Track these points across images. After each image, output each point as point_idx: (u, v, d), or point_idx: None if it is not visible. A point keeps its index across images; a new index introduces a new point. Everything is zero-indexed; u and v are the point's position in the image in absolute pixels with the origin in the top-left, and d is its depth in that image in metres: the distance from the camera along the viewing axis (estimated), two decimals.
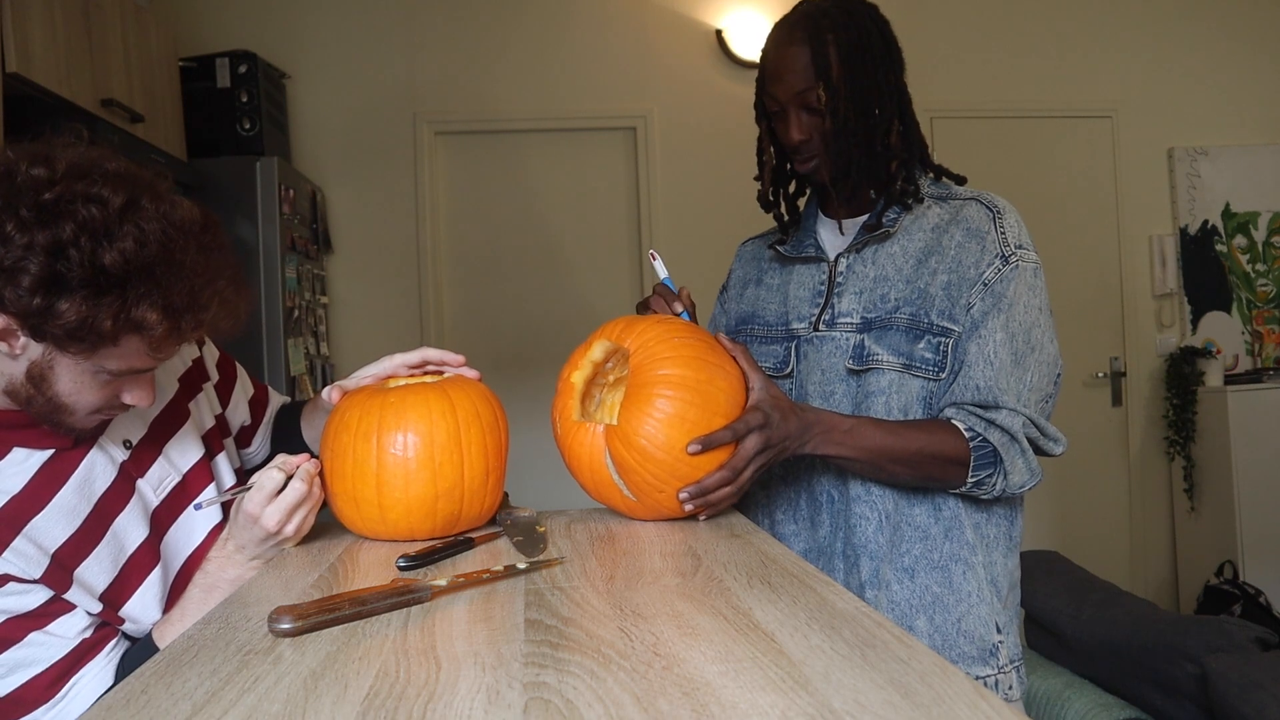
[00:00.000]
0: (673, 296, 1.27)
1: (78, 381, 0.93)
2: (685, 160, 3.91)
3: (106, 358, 0.91)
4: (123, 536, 1.04)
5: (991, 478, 1.15)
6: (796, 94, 1.21)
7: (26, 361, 0.91)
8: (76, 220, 0.85)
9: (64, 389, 0.93)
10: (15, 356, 0.91)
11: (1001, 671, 1.21)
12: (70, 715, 0.97)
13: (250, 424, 1.30)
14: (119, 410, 1.00)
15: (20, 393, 0.93)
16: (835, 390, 1.24)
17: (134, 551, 1.04)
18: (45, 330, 0.86)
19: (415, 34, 3.83)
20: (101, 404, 0.96)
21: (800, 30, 1.21)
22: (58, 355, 0.90)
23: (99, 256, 0.85)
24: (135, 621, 1.03)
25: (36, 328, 0.86)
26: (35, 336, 0.88)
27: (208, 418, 1.19)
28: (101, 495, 1.03)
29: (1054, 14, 4.10)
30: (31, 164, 0.87)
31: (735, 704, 0.51)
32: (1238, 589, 3.25)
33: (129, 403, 0.98)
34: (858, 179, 1.25)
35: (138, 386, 0.98)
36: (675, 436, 1.05)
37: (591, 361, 1.16)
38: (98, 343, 0.88)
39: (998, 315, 1.18)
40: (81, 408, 0.95)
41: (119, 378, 0.95)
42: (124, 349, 0.91)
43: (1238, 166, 4.18)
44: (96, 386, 0.94)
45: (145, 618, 1.04)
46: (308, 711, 0.54)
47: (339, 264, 3.77)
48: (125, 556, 1.03)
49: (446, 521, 1.05)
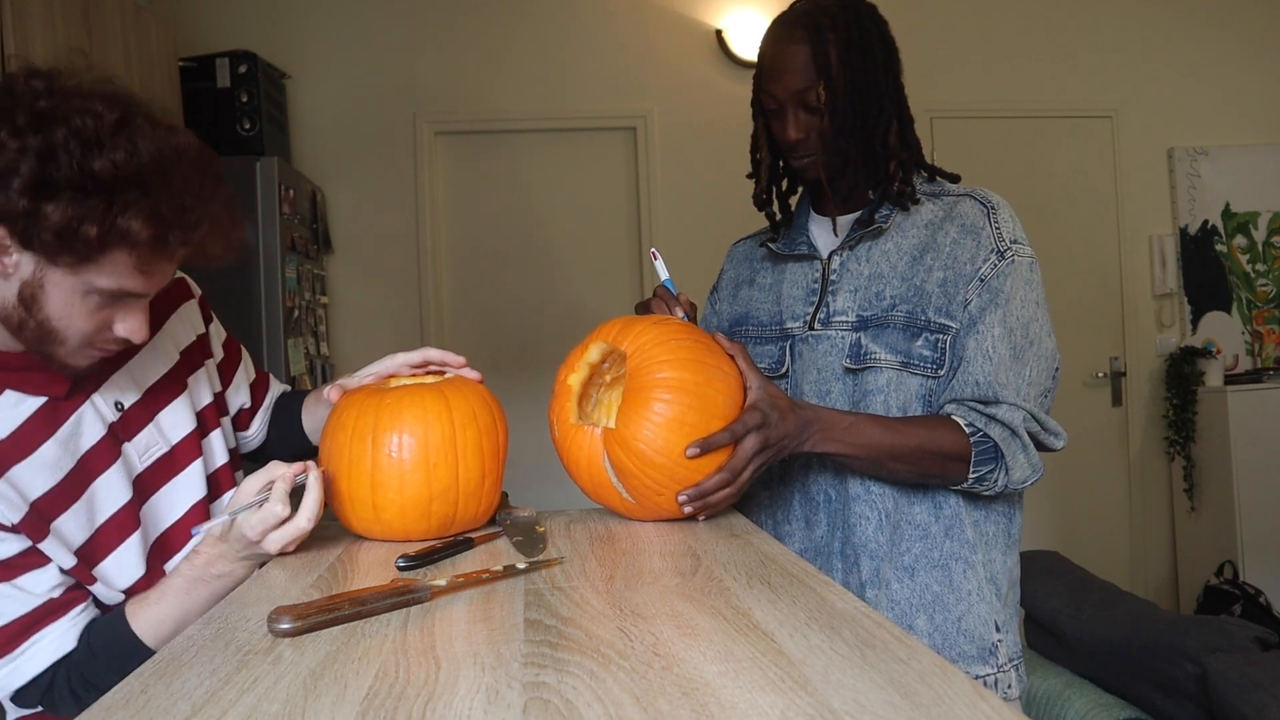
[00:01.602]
0: (673, 301, 1.26)
1: (68, 303, 0.91)
2: (685, 160, 3.91)
3: (96, 274, 0.90)
4: (102, 497, 1.02)
5: (993, 473, 1.15)
6: (795, 92, 1.21)
7: (18, 281, 0.90)
8: (70, 127, 0.86)
9: (54, 311, 0.92)
10: (8, 276, 0.90)
11: (1001, 670, 1.21)
12: (24, 674, 0.96)
13: (250, 407, 1.29)
14: (112, 346, 0.98)
15: (12, 317, 0.92)
16: (831, 389, 1.24)
17: (114, 513, 1.03)
18: (34, 236, 0.86)
19: (415, 34, 3.83)
20: (93, 332, 0.95)
21: (800, 28, 1.21)
22: (48, 271, 0.89)
23: (88, 162, 0.86)
24: (108, 584, 1.02)
25: (25, 234, 0.86)
26: (25, 245, 0.87)
27: (205, 394, 1.18)
28: (86, 452, 1.02)
29: (1054, 14, 4.10)
30: (32, 77, 0.89)
31: (735, 704, 0.51)
32: (1238, 589, 3.25)
33: (121, 334, 0.96)
34: (854, 178, 1.24)
35: (130, 316, 0.96)
36: (674, 440, 1.05)
37: (588, 363, 1.16)
38: (85, 252, 0.87)
39: (995, 310, 1.18)
40: (73, 335, 0.94)
41: (110, 303, 0.93)
42: (112, 264, 0.90)
43: (1238, 166, 4.18)
44: (87, 311, 0.93)
45: (119, 580, 1.03)
46: (307, 711, 0.54)
47: (339, 264, 3.77)
48: (103, 517, 1.02)
49: (442, 523, 1.05)
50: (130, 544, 1.04)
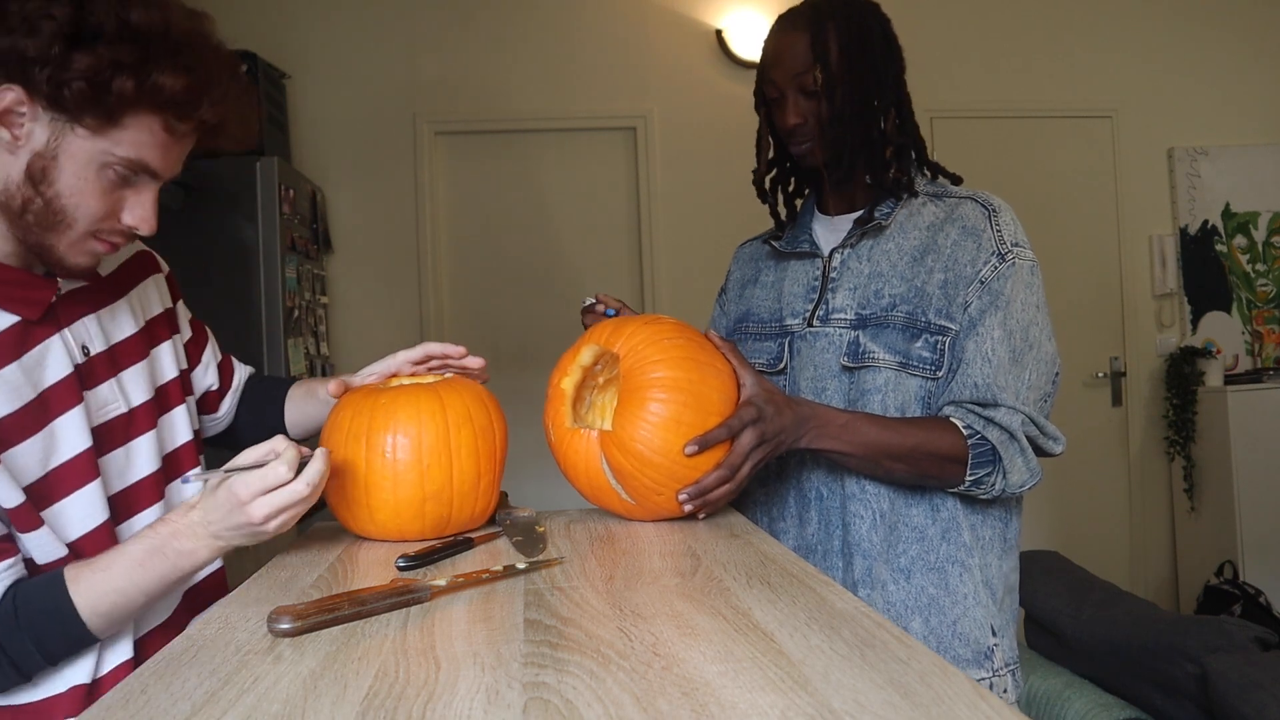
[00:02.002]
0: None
1: (82, 177, 0.88)
2: (685, 160, 3.91)
3: (118, 140, 0.87)
4: (59, 438, 0.96)
5: (990, 476, 1.15)
6: (794, 76, 1.23)
7: (28, 154, 0.87)
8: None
9: (67, 185, 0.88)
10: (16, 148, 0.86)
11: (997, 674, 1.21)
12: None
13: (218, 389, 1.25)
14: (117, 239, 0.95)
15: (15, 198, 0.88)
16: (828, 386, 1.24)
17: (73, 457, 0.97)
18: (62, 88, 0.82)
19: (415, 34, 3.83)
20: (103, 215, 0.91)
21: (801, 18, 1.24)
22: (66, 137, 0.86)
23: (126, 11, 0.84)
24: (59, 530, 0.94)
25: (52, 86, 0.82)
26: (50, 102, 0.84)
27: (170, 369, 1.13)
28: (49, 387, 0.96)
29: (1054, 14, 4.10)
30: None
31: (735, 704, 0.51)
32: (1238, 589, 3.25)
33: (128, 222, 0.93)
34: (851, 163, 1.25)
35: (140, 202, 0.93)
36: (671, 439, 1.05)
37: (580, 366, 1.16)
38: (114, 110, 0.85)
39: (995, 313, 1.18)
40: (82, 216, 0.90)
41: (123, 184, 0.91)
42: (136, 129, 0.88)
43: (1238, 166, 4.18)
44: (101, 188, 0.89)
45: (73, 527, 0.96)
46: (307, 711, 0.54)
47: (339, 264, 3.77)
48: (61, 459, 0.96)
49: (436, 523, 1.05)
50: (91, 490, 0.97)
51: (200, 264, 2.91)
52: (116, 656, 0.98)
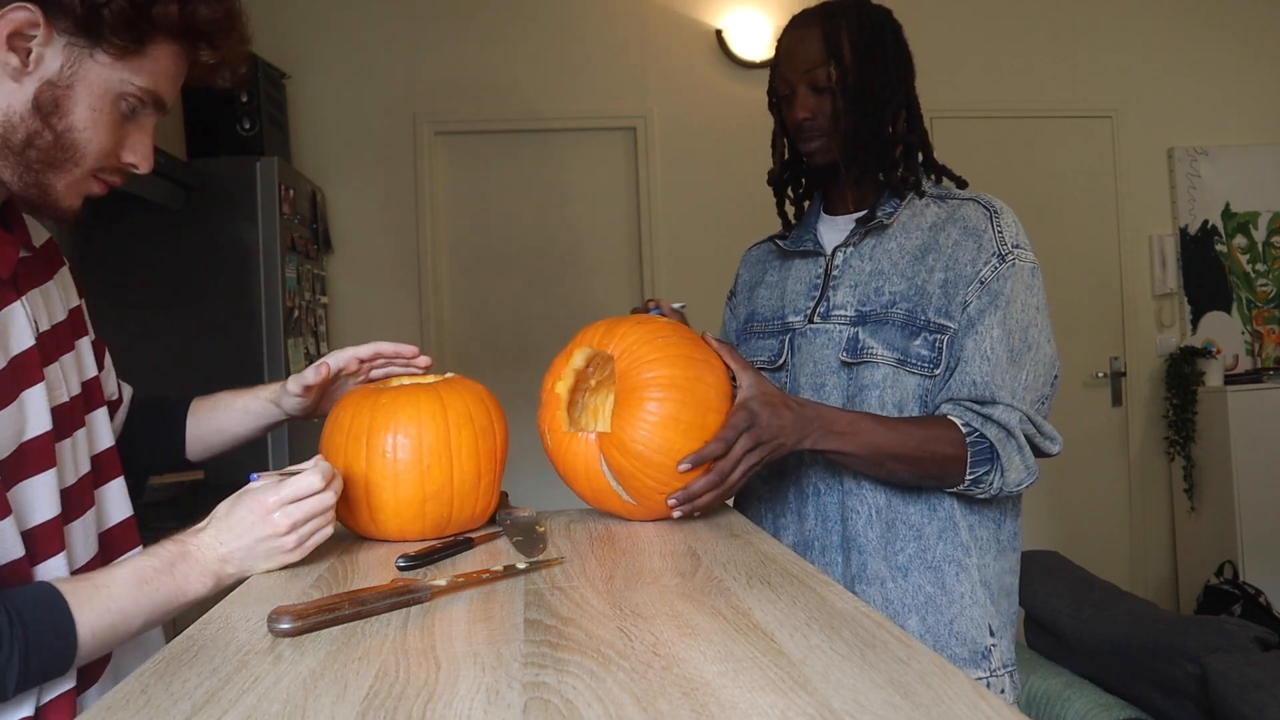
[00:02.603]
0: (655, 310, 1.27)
1: (95, 109, 0.84)
2: (685, 160, 3.91)
3: (138, 68, 0.84)
4: (28, 412, 0.89)
5: (989, 475, 1.15)
6: (805, 71, 1.24)
7: (37, 82, 0.81)
8: None
9: (79, 118, 0.83)
10: (23, 76, 0.81)
11: (994, 675, 1.21)
12: None
13: (115, 400, 1.17)
14: (115, 178, 0.91)
15: (18, 131, 0.82)
16: (826, 382, 1.24)
17: (37, 437, 0.89)
18: (100, 9, 0.79)
19: (416, 34, 3.83)
20: (108, 150, 0.87)
21: (814, 16, 1.26)
22: (84, 64, 0.82)
23: None
24: (20, 514, 0.87)
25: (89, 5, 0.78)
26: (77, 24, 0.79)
27: (90, 365, 1.05)
28: (17, 355, 0.89)
29: (1054, 14, 4.10)
30: None
31: (735, 704, 0.51)
32: (1238, 589, 3.25)
33: (129, 160, 0.90)
34: (866, 161, 1.26)
35: (140, 140, 0.90)
36: (672, 438, 1.05)
37: (574, 369, 1.15)
38: (147, 34, 0.82)
39: (994, 313, 1.18)
40: (92, 150, 0.85)
41: (129, 118, 0.87)
42: (158, 59, 0.85)
43: (1238, 166, 4.18)
44: (111, 121, 0.85)
45: (25, 518, 0.87)
46: (307, 711, 0.54)
47: (339, 264, 3.77)
48: (26, 436, 0.88)
49: (437, 523, 1.05)
50: (48, 478, 0.90)
51: (200, 264, 2.91)
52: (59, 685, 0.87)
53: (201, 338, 2.85)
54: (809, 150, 1.28)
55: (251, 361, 2.90)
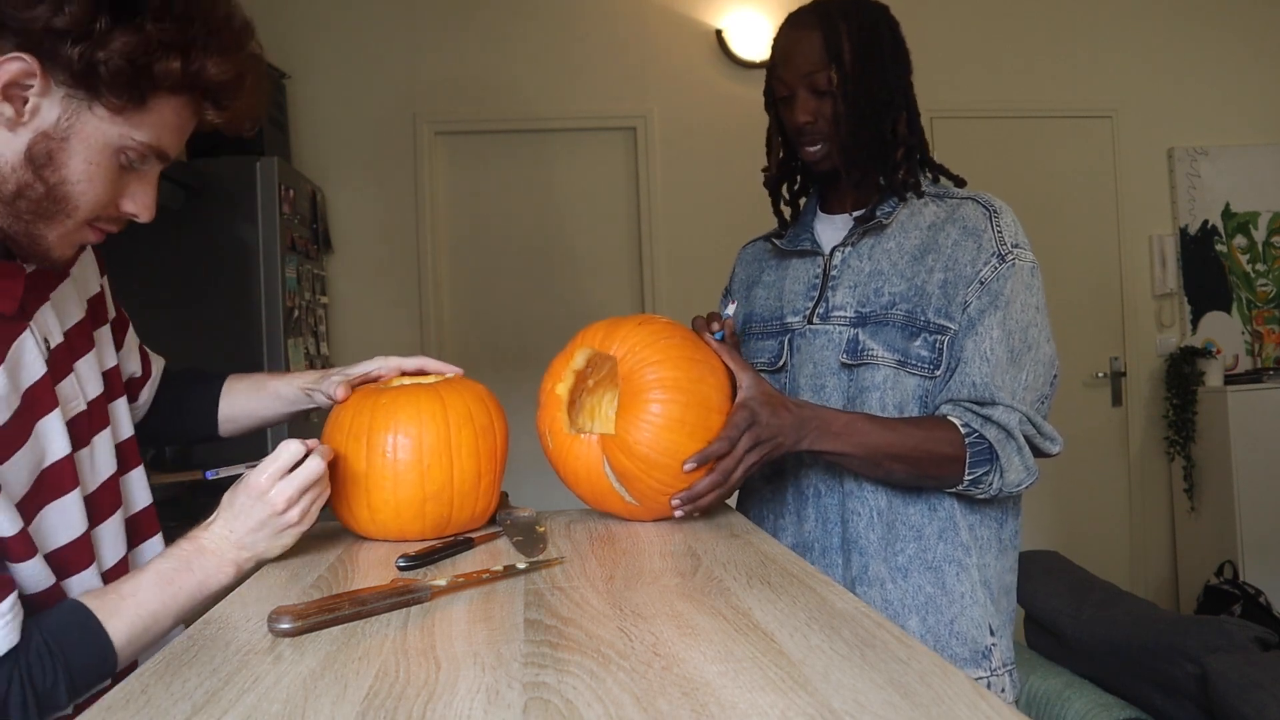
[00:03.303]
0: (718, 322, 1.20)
1: (92, 162, 0.81)
2: (685, 160, 3.91)
3: (139, 123, 0.81)
4: (45, 442, 0.89)
5: (988, 475, 1.15)
6: (804, 75, 1.23)
7: (31, 133, 0.78)
8: None
9: (74, 172, 0.80)
10: (18, 125, 0.78)
11: (994, 674, 1.21)
12: None
13: (140, 376, 1.17)
14: (111, 227, 0.88)
15: (7, 183, 0.79)
16: (826, 384, 1.24)
17: (55, 462, 0.90)
18: (97, 66, 0.75)
19: (415, 34, 3.83)
20: (105, 202, 0.84)
21: (813, 16, 1.24)
22: (81, 117, 0.79)
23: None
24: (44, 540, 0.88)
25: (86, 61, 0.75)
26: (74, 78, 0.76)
27: (110, 355, 1.05)
28: (29, 387, 0.88)
29: (1054, 14, 4.10)
30: None
31: (735, 704, 0.51)
32: (1238, 589, 3.25)
33: (129, 210, 0.87)
34: (867, 164, 1.26)
35: (142, 190, 0.87)
36: (676, 439, 1.05)
37: (574, 371, 1.15)
38: (148, 90, 0.79)
39: (994, 313, 1.18)
40: (86, 204, 0.83)
41: (130, 169, 0.84)
42: (162, 113, 0.82)
43: (1238, 166, 4.18)
44: (110, 174, 0.83)
45: (49, 540, 0.89)
46: (308, 711, 0.54)
47: (339, 264, 3.77)
48: (44, 464, 0.89)
49: (437, 523, 1.05)
50: (72, 498, 0.91)
51: (200, 264, 2.91)
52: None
53: (201, 338, 2.85)
54: (810, 154, 1.27)
55: (251, 361, 2.90)
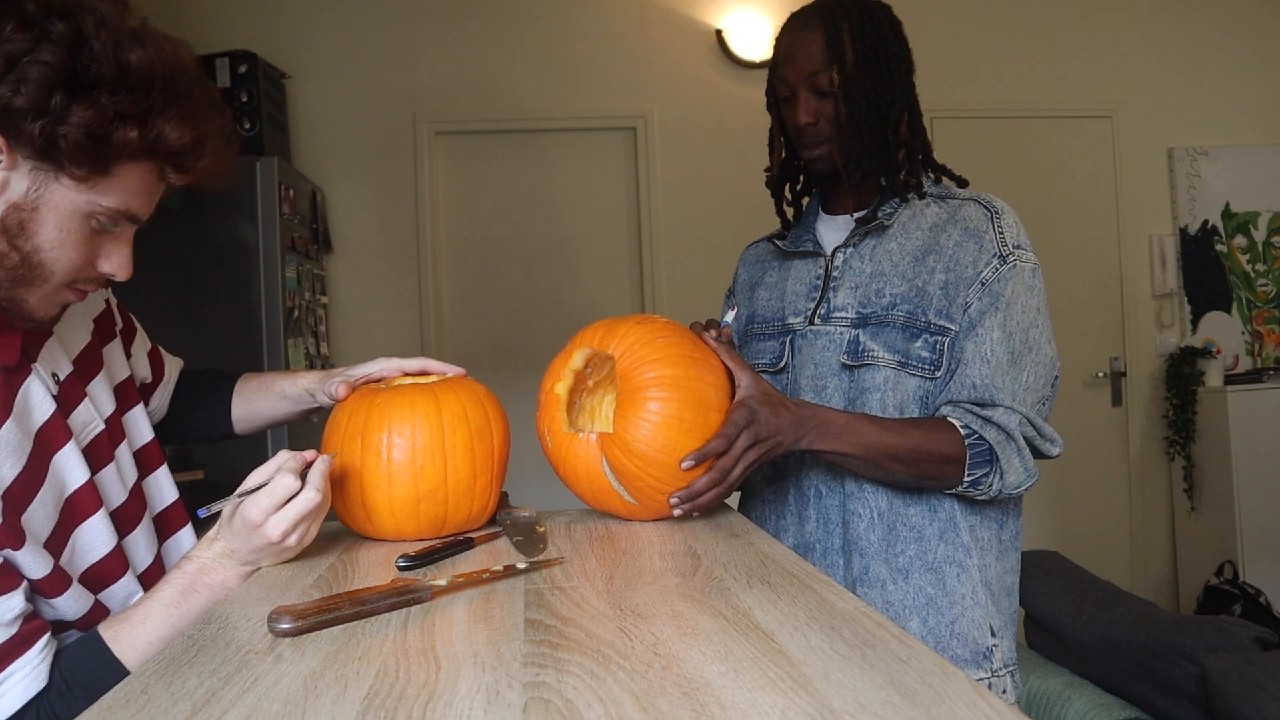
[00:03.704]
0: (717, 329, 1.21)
1: (63, 229, 0.83)
2: (685, 160, 3.91)
3: (105, 191, 0.83)
4: (63, 475, 0.93)
5: (988, 477, 1.15)
6: (806, 76, 1.23)
7: (2, 205, 0.80)
8: (95, 15, 0.78)
9: (46, 239, 0.82)
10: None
11: (996, 675, 1.21)
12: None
13: (151, 381, 1.20)
14: (90, 287, 0.90)
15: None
16: (827, 385, 1.24)
17: (76, 490, 0.94)
18: (56, 140, 0.77)
19: (415, 34, 3.83)
20: (80, 265, 0.86)
21: (815, 16, 1.24)
22: (49, 187, 0.81)
23: (124, 53, 0.78)
24: (77, 562, 0.93)
25: (46, 136, 0.77)
26: (37, 152, 0.78)
27: (121, 368, 1.09)
28: (40, 428, 0.92)
29: (1054, 14, 4.10)
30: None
31: (735, 704, 0.51)
32: (1238, 589, 3.25)
33: (106, 271, 0.89)
34: (868, 165, 1.25)
35: (117, 251, 0.88)
36: (674, 438, 1.05)
37: (573, 370, 1.15)
38: (109, 161, 0.80)
39: (995, 314, 1.18)
40: (61, 268, 0.85)
41: (101, 232, 0.86)
42: (126, 178, 0.83)
43: (1238, 166, 4.18)
44: (81, 239, 0.84)
45: (80, 561, 0.94)
46: (308, 711, 0.54)
47: (339, 264, 3.77)
48: (65, 495, 0.93)
49: (431, 523, 1.05)
50: (98, 518, 0.96)
51: (200, 264, 2.91)
52: None
53: (201, 338, 2.85)
54: (811, 156, 1.27)
55: (252, 361, 2.90)
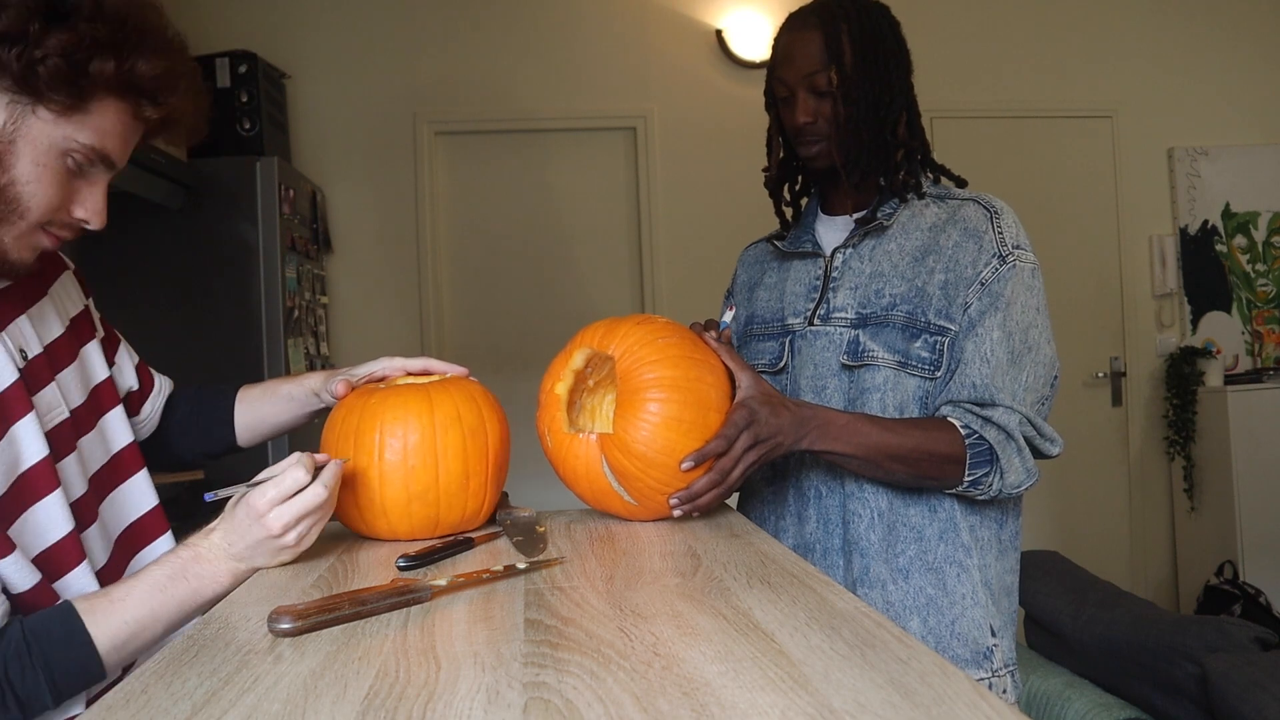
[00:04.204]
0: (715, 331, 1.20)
1: (40, 164, 0.84)
2: (685, 160, 3.91)
3: (81, 125, 0.85)
4: (20, 445, 0.92)
5: (988, 477, 1.15)
6: (805, 76, 1.23)
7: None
8: None
9: (23, 172, 0.84)
10: None
11: (996, 675, 1.21)
12: None
13: (138, 390, 1.20)
14: (65, 233, 0.91)
15: None
16: (827, 385, 1.24)
17: (33, 466, 0.93)
18: (35, 66, 0.79)
19: (415, 34, 3.83)
20: (56, 205, 0.87)
21: (814, 16, 1.24)
22: (26, 120, 0.83)
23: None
24: (26, 543, 0.91)
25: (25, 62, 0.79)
26: (16, 81, 0.80)
27: (100, 369, 1.09)
28: (2, 391, 0.92)
29: (1054, 14, 4.10)
30: None
31: (735, 704, 0.51)
32: (1238, 589, 3.25)
33: (79, 215, 0.90)
34: (867, 165, 1.25)
35: (91, 195, 0.90)
36: (674, 439, 1.05)
37: (573, 370, 1.15)
38: (85, 92, 0.82)
39: (995, 314, 1.18)
40: (36, 205, 0.86)
41: (77, 175, 0.88)
42: (102, 114, 0.85)
43: (1238, 166, 4.18)
44: (57, 177, 0.86)
45: (34, 542, 0.92)
46: (308, 711, 0.54)
47: (339, 264, 3.77)
48: (21, 468, 0.92)
49: (424, 524, 1.05)
50: (55, 499, 0.94)
51: (200, 264, 2.91)
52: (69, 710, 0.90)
53: (201, 338, 2.85)
54: (809, 153, 1.27)
55: (251, 361, 2.90)
